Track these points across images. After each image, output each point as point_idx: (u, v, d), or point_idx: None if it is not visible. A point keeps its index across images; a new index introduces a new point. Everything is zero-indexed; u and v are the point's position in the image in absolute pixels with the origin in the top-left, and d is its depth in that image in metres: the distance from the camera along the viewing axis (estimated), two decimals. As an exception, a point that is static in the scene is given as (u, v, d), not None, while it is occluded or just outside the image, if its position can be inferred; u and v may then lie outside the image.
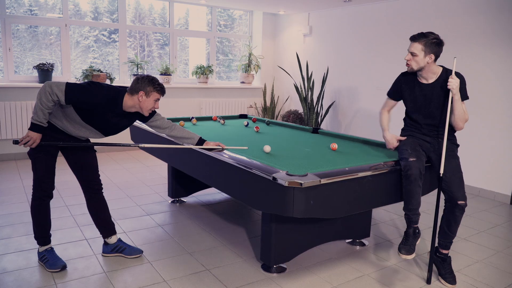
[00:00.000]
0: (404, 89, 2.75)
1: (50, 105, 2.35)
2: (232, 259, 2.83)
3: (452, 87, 2.44)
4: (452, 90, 2.45)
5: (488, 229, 3.57)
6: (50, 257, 2.62)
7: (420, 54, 2.52)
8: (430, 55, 2.52)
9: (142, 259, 2.77)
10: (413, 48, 2.54)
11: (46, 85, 2.34)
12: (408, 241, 2.54)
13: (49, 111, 2.37)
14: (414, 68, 2.59)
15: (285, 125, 4.17)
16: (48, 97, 2.32)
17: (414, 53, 2.54)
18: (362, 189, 2.36)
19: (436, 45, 2.51)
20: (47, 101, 2.33)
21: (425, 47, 2.51)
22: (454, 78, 2.45)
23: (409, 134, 2.77)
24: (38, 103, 2.34)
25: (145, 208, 3.76)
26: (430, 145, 2.66)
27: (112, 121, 2.55)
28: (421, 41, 2.51)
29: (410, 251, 2.51)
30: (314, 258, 2.87)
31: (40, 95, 2.33)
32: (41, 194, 2.57)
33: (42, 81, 5.46)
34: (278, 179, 2.10)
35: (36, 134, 2.38)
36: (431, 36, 2.51)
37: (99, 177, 2.76)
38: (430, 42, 2.50)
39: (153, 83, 2.50)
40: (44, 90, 2.33)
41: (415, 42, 2.53)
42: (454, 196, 2.49)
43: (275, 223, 2.57)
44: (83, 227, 3.27)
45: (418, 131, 2.73)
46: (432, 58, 2.53)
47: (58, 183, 4.28)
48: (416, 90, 2.67)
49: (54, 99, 2.34)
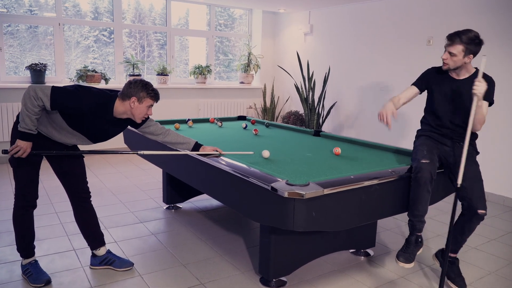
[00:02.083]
0: (432, 79, 2.57)
1: (37, 110, 2.16)
2: (228, 271, 2.65)
3: (479, 91, 2.23)
4: (478, 95, 2.24)
5: (499, 237, 3.40)
6: (33, 271, 2.45)
7: (459, 54, 2.36)
8: (469, 55, 2.37)
9: (133, 272, 2.60)
10: (453, 48, 2.37)
11: (30, 89, 2.15)
12: (409, 249, 2.38)
13: (36, 117, 2.19)
14: (451, 67, 2.43)
15: (285, 127, 3.99)
16: (33, 101, 2.14)
17: (453, 54, 2.37)
18: (369, 199, 2.18)
19: (477, 45, 2.36)
20: (32, 106, 2.14)
21: (466, 48, 2.35)
22: (481, 82, 2.25)
23: (428, 135, 2.58)
24: (24, 109, 2.16)
25: (138, 215, 3.58)
26: (449, 149, 2.48)
27: (101, 128, 2.37)
28: (463, 42, 2.34)
29: (409, 260, 2.35)
30: (316, 271, 2.69)
31: (25, 100, 2.15)
32: (24, 203, 2.40)
33: (35, 82, 5.29)
34: (277, 189, 1.93)
35: (25, 143, 2.20)
36: (472, 36, 2.35)
37: (86, 184, 2.58)
38: (472, 42, 2.34)
39: (147, 88, 2.31)
40: (28, 95, 2.14)
41: (456, 43, 2.36)
42: (475, 204, 2.32)
43: (274, 234, 2.40)
44: (71, 236, 3.09)
45: (438, 132, 2.55)
46: (470, 58, 2.39)
47: (49, 189, 4.11)
48: (445, 82, 2.50)
49: (40, 104, 2.15)
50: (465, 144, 2.29)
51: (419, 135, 2.66)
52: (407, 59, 5.11)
